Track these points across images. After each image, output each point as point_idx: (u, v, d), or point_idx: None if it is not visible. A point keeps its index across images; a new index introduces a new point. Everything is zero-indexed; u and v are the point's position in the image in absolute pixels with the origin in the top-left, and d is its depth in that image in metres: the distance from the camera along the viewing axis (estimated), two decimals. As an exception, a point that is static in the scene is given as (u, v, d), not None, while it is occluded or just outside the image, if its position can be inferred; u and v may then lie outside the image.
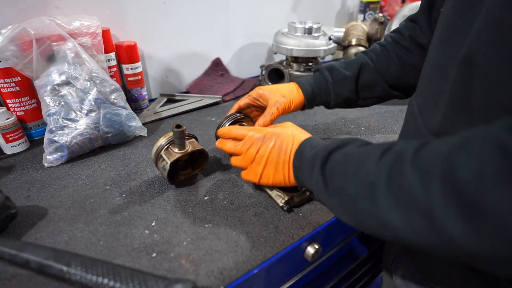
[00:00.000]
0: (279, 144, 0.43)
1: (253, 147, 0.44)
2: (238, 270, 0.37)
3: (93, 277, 0.32)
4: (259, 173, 0.44)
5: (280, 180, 0.43)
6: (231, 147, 0.47)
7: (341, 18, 1.33)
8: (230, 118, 0.58)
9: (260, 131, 0.45)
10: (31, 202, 0.48)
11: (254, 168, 0.44)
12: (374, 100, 0.60)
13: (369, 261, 0.69)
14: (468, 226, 0.20)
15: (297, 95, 0.56)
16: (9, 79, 0.59)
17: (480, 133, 0.22)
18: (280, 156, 0.42)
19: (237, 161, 0.47)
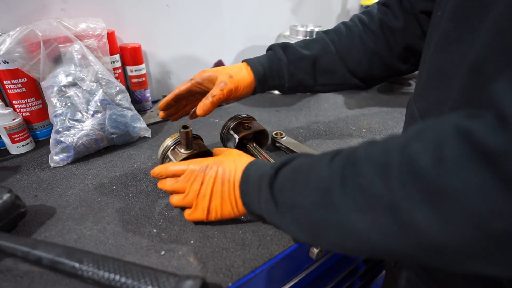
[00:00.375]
0: (222, 172, 0.40)
1: (196, 181, 0.40)
2: (246, 268, 0.38)
3: (105, 274, 0.33)
4: (205, 207, 0.40)
5: (229, 210, 0.40)
6: (171, 185, 0.42)
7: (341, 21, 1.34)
8: (235, 119, 0.59)
9: (200, 162, 0.41)
10: (38, 202, 0.49)
11: (200, 203, 0.41)
12: (333, 87, 0.56)
13: (370, 261, 0.70)
14: (433, 213, 0.20)
15: (247, 75, 0.51)
16: (16, 80, 0.60)
17: (436, 122, 0.21)
18: (224, 184, 0.39)
19: (179, 200, 0.42)
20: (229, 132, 0.59)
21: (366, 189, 0.23)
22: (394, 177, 0.22)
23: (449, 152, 0.19)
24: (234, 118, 0.59)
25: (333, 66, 0.53)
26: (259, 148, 0.59)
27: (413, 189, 0.20)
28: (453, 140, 0.19)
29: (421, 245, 0.21)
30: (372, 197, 0.23)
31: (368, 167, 0.24)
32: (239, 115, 0.60)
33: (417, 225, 0.20)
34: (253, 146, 0.59)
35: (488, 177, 0.17)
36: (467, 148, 0.18)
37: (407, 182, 0.21)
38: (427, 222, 0.20)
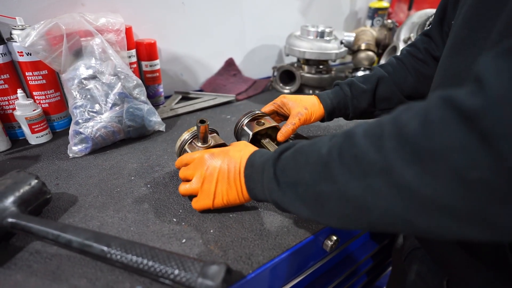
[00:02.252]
0: (228, 159, 0.42)
1: (202, 167, 0.43)
2: (265, 256, 0.40)
3: (133, 257, 0.34)
4: (211, 192, 0.42)
5: (235, 196, 0.42)
6: (181, 172, 0.46)
7: (349, 23, 1.36)
8: (249, 115, 0.60)
9: (208, 151, 0.45)
10: (60, 190, 0.50)
11: (205, 188, 0.43)
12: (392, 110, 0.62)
13: (378, 257, 0.71)
14: (422, 171, 0.22)
15: (318, 108, 0.60)
16: (37, 72, 0.61)
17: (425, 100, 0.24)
18: (230, 170, 0.42)
19: (187, 188, 0.44)
20: (243, 128, 0.60)
21: (361, 158, 0.26)
22: (385, 143, 0.24)
23: (433, 117, 0.21)
24: (247, 114, 0.61)
25: (390, 94, 0.60)
26: (272, 143, 0.60)
27: (403, 152, 0.23)
28: (437, 107, 0.22)
29: (413, 204, 0.23)
30: (366, 164, 0.25)
31: (362, 139, 0.26)
32: (252, 112, 0.61)
33: (408, 183, 0.23)
34: (267, 141, 0.60)
35: (466, 134, 0.19)
36: (449, 111, 0.21)
37: (398, 146, 0.23)
38: (417, 180, 0.22)
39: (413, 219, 0.24)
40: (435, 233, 0.24)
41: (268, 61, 1.14)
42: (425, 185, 0.22)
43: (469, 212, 0.21)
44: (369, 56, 1.06)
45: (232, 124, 0.72)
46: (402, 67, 0.60)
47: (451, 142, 0.20)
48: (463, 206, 0.21)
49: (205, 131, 0.50)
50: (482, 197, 0.20)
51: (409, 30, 0.99)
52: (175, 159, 0.60)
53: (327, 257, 0.52)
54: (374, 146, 0.25)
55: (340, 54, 0.93)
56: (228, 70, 1.03)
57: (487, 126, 0.19)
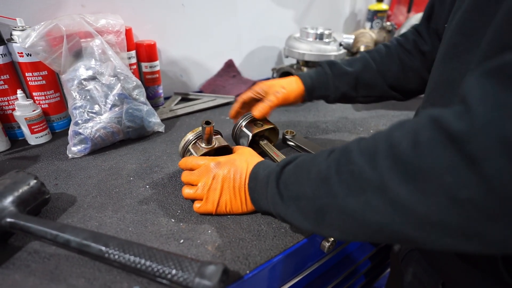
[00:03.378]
0: (234, 169, 0.43)
1: (208, 175, 0.44)
2: (262, 257, 0.40)
3: (130, 257, 0.34)
4: (216, 200, 0.43)
5: (238, 206, 0.44)
6: (185, 177, 0.46)
7: (348, 25, 1.37)
8: (247, 117, 0.61)
9: (215, 159, 0.45)
10: (59, 190, 0.50)
11: (210, 196, 0.43)
12: (373, 98, 0.63)
13: (375, 259, 0.71)
14: (414, 189, 0.23)
15: (296, 86, 0.59)
16: (37, 73, 0.62)
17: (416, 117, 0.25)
18: (236, 180, 0.43)
19: (190, 192, 0.45)
20: (242, 130, 0.60)
21: (358, 175, 0.27)
22: (380, 162, 0.25)
23: (423, 137, 0.23)
24: (245, 116, 0.61)
25: (374, 81, 0.60)
26: (270, 145, 0.60)
27: (397, 170, 0.24)
28: (426, 127, 0.23)
29: (407, 219, 0.24)
30: (363, 181, 0.26)
31: (358, 156, 0.27)
32: (250, 113, 0.61)
33: (402, 201, 0.24)
34: (264, 143, 0.60)
35: (454, 156, 0.20)
36: (437, 132, 0.22)
37: (392, 164, 0.24)
38: (410, 197, 0.23)
39: (410, 234, 0.25)
40: (432, 246, 0.25)
41: (267, 63, 1.14)
42: (419, 203, 0.23)
43: (461, 228, 0.22)
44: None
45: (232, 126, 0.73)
46: (389, 55, 0.60)
47: (440, 163, 0.21)
48: (455, 223, 0.22)
49: (210, 133, 0.50)
50: (472, 214, 0.21)
51: (408, 33, 0.99)
52: (174, 160, 0.61)
53: (324, 258, 0.52)
54: (370, 164, 0.26)
55: (339, 56, 0.93)
56: (228, 72, 1.04)
57: (473, 149, 0.20)
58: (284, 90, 0.58)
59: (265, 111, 0.57)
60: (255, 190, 0.42)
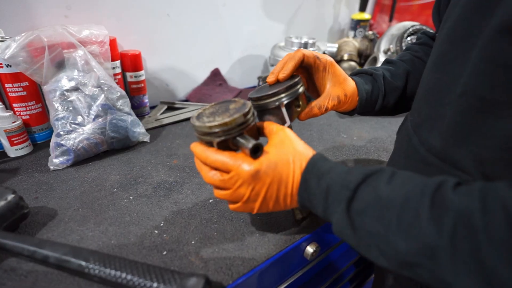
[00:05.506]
0: (279, 178, 0.36)
1: (244, 186, 0.36)
2: (245, 266, 0.40)
3: (111, 271, 0.34)
4: (255, 208, 0.38)
5: (281, 208, 0.39)
6: (214, 179, 0.37)
7: (333, 34, 1.40)
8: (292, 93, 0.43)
9: (250, 162, 0.35)
10: (39, 204, 0.49)
11: (249, 204, 0.38)
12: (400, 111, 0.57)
13: (360, 264, 0.72)
14: None
15: (353, 100, 0.50)
16: (18, 84, 0.61)
17: None
18: (280, 190, 0.36)
19: (223, 196, 0.38)
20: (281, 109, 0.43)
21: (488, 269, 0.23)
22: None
23: None
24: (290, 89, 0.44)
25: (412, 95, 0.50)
26: None
27: None
28: None
29: None
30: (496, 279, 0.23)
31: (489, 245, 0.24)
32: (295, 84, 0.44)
33: None
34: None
35: None
36: None
37: None
38: None
39: None
40: None
41: (253, 71, 1.16)
42: None
43: None
44: (351, 66, 1.09)
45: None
46: (422, 65, 0.54)
47: None
48: None
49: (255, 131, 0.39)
50: None
51: (389, 42, 1.02)
52: (159, 170, 0.60)
53: (308, 265, 0.53)
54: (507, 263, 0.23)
55: (323, 65, 0.95)
56: (214, 80, 1.04)
57: None
58: (344, 100, 0.48)
59: (314, 116, 0.48)
60: (307, 199, 0.36)
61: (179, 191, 0.54)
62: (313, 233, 0.47)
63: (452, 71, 0.35)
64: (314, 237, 0.48)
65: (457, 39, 0.35)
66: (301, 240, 0.46)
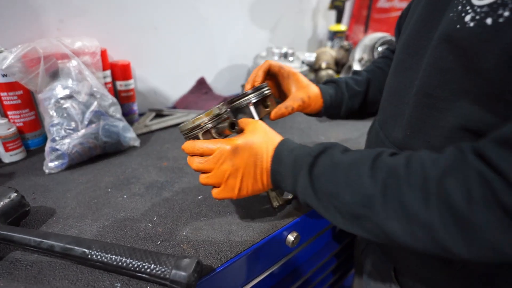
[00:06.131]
0: (254, 153, 0.42)
1: (226, 162, 0.41)
2: (232, 252, 0.45)
3: (112, 256, 0.38)
4: (236, 187, 0.42)
5: (259, 188, 0.44)
6: (199, 164, 0.43)
7: (312, 44, 1.49)
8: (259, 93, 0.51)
9: (229, 142, 0.42)
10: (38, 204, 0.53)
11: (230, 183, 0.42)
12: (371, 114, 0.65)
13: (342, 255, 0.78)
14: (462, 238, 0.27)
15: (318, 101, 0.57)
16: (12, 93, 0.64)
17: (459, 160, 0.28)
18: (257, 165, 0.42)
19: (207, 179, 0.43)
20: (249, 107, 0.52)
21: (408, 207, 0.30)
22: (433, 204, 0.28)
23: (477, 197, 0.26)
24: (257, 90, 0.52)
25: (376, 98, 0.62)
26: None
27: (448, 218, 0.27)
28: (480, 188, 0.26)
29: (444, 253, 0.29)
30: (412, 215, 0.29)
31: (409, 190, 0.30)
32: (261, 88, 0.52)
33: (447, 243, 0.28)
34: None
35: (505, 221, 0.25)
36: (491, 198, 0.25)
37: (443, 212, 0.28)
38: (456, 243, 0.28)
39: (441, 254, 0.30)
40: None
41: (237, 79, 1.22)
42: (464, 250, 0.28)
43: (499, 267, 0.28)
44: (329, 74, 1.17)
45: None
46: (384, 75, 0.62)
47: (491, 223, 0.26)
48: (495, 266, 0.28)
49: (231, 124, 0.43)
50: None
51: (362, 51, 1.11)
52: (150, 172, 0.65)
53: (291, 253, 0.58)
54: (422, 203, 0.29)
55: (302, 73, 1.03)
56: (200, 88, 1.10)
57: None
58: (308, 100, 0.56)
59: (282, 116, 0.55)
60: (278, 172, 0.41)
61: (170, 189, 0.59)
62: (293, 223, 0.53)
63: (409, 75, 0.43)
64: (294, 227, 0.53)
65: (411, 50, 0.43)
66: (282, 228, 0.51)
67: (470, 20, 0.31)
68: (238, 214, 0.52)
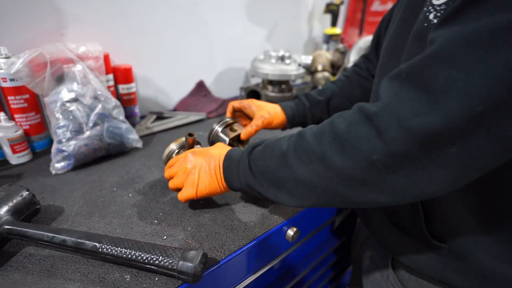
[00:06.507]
0: (209, 155, 0.50)
1: (186, 163, 0.50)
2: (235, 245, 0.47)
3: (122, 249, 0.40)
4: (195, 183, 0.49)
5: (216, 186, 0.49)
6: (168, 171, 0.53)
7: (308, 47, 1.52)
8: (222, 123, 0.68)
9: (190, 151, 0.52)
10: (46, 202, 0.55)
11: (189, 180, 0.49)
12: None
13: (341, 251, 0.81)
14: (345, 156, 0.32)
15: (280, 115, 0.69)
16: (19, 96, 0.66)
17: None
18: (211, 163, 0.49)
19: (173, 181, 0.52)
20: (219, 135, 0.66)
21: (308, 149, 0.37)
22: (324, 139, 0.35)
23: (352, 119, 0.33)
24: (220, 122, 0.68)
25: (342, 105, 0.72)
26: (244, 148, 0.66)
27: (334, 144, 0.34)
28: (355, 112, 0.33)
29: (341, 180, 0.34)
30: (311, 154, 0.36)
31: (310, 136, 0.37)
32: (224, 120, 0.69)
33: (337, 166, 0.33)
34: (239, 147, 0.68)
35: (369, 130, 0.31)
36: (360, 115, 0.32)
37: (331, 140, 0.34)
38: (341, 163, 0.33)
39: (344, 192, 0.35)
40: (359, 203, 0.35)
41: (235, 82, 1.25)
42: (348, 167, 0.33)
43: (376, 182, 0.32)
44: (325, 76, 1.20)
45: (205, 140, 0.80)
46: (350, 83, 0.73)
47: (361, 134, 0.31)
48: (372, 179, 0.32)
49: (192, 143, 0.58)
50: (381, 171, 0.31)
51: (357, 54, 1.14)
52: (153, 171, 0.67)
53: (291, 248, 0.60)
54: (317, 140, 0.36)
55: (298, 75, 1.06)
56: (199, 91, 1.12)
57: (380, 124, 0.30)
58: (269, 116, 0.67)
59: (251, 134, 0.66)
60: (229, 169, 0.48)
61: (173, 188, 0.61)
62: (292, 218, 0.55)
63: None
64: (293, 222, 0.56)
65: (392, 51, 0.47)
66: (282, 224, 0.53)
67: (433, 18, 0.35)
68: (240, 211, 0.55)
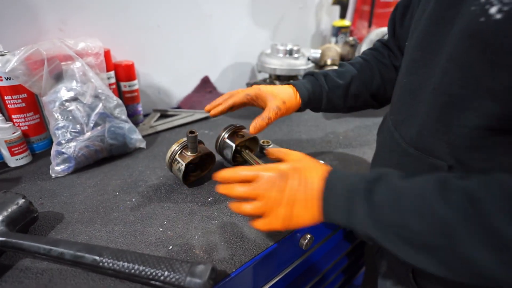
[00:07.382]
0: (305, 180, 0.39)
1: (275, 189, 0.39)
2: (246, 256, 0.44)
3: (124, 264, 0.37)
4: (287, 216, 0.39)
5: (309, 219, 0.39)
6: (244, 191, 0.40)
7: (315, 40, 1.47)
8: (229, 129, 0.65)
9: (276, 169, 0.40)
10: (45, 209, 0.52)
11: (280, 211, 0.39)
12: (356, 108, 0.65)
13: (353, 254, 0.77)
14: None
15: (295, 100, 0.58)
16: (16, 96, 0.63)
17: None
18: (307, 192, 0.38)
19: (256, 209, 0.40)
20: (225, 141, 0.64)
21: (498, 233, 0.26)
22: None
23: None
24: (227, 128, 0.66)
25: (360, 91, 0.61)
26: (252, 155, 0.64)
27: None
28: None
29: None
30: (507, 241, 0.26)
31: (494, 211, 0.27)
32: (231, 125, 0.66)
33: None
34: (246, 152, 0.65)
35: None
36: None
37: None
38: None
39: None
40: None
41: (241, 78, 1.20)
42: None
43: None
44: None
45: (211, 138, 0.77)
46: (370, 68, 0.63)
47: None
48: None
49: (195, 141, 0.55)
50: None
51: (368, 46, 1.09)
52: (158, 174, 0.63)
53: (304, 255, 0.57)
54: None
55: (307, 70, 1.01)
56: (204, 87, 1.08)
57: None
58: (285, 106, 0.56)
59: (261, 128, 0.55)
60: (330, 203, 0.38)
61: (179, 192, 0.58)
62: (306, 224, 0.51)
63: (424, 73, 0.41)
64: (307, 228, 0.52)
65: (426, 47, 0.41)
66: (295, 231, 0.50)
67: (496, 12, 0.30)
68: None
